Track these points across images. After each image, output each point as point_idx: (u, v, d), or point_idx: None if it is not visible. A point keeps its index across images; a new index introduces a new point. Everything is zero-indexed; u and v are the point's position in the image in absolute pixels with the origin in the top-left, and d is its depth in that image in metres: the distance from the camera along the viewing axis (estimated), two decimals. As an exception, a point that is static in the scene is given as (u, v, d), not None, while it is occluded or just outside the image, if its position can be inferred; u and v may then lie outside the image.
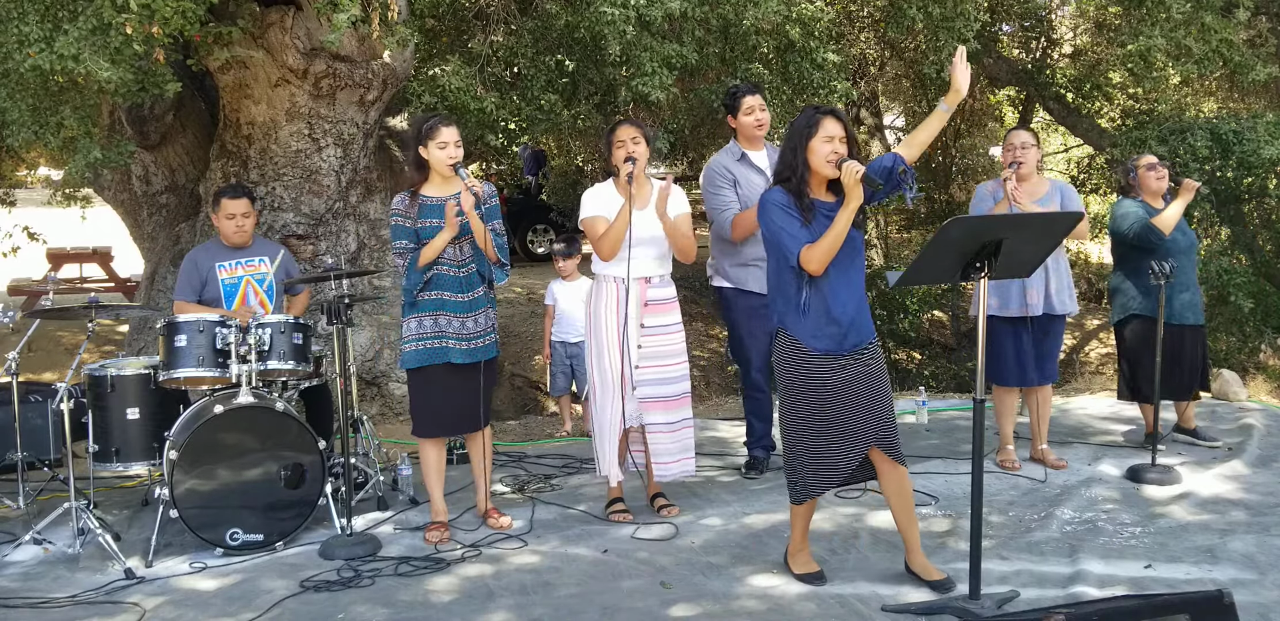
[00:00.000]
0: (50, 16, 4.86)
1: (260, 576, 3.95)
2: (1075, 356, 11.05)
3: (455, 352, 4.28)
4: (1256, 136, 7.65)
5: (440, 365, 4.28)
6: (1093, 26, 10.57)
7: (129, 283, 11.46)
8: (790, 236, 3.54)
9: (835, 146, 3.52)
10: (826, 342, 3.57)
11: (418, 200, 4.27)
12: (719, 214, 4.95)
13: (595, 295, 4.48)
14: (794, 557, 3.83)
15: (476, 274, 4.35)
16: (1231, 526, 4.28)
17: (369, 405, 6.68)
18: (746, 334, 5.01)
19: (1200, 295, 5.49)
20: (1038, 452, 5.25)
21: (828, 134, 3.52)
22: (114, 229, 9.27)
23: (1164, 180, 5.36)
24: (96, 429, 4.45)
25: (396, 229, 4.28)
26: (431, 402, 4.32)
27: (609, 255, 4.35)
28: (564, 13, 6.69)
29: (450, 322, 4.28)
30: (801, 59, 6.95)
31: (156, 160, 7.21)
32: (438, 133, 4.23)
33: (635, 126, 4.40)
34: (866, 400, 3.58)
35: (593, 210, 4.42)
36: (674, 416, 4.47)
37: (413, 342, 4.29)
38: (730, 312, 5.09)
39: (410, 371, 4.34)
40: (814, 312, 3.56)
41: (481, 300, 4.37)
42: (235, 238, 4.89)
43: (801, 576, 3.76)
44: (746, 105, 4.95)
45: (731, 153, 5.02)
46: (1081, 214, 3.55)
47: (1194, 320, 5.38)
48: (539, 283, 10.56)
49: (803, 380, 3.59)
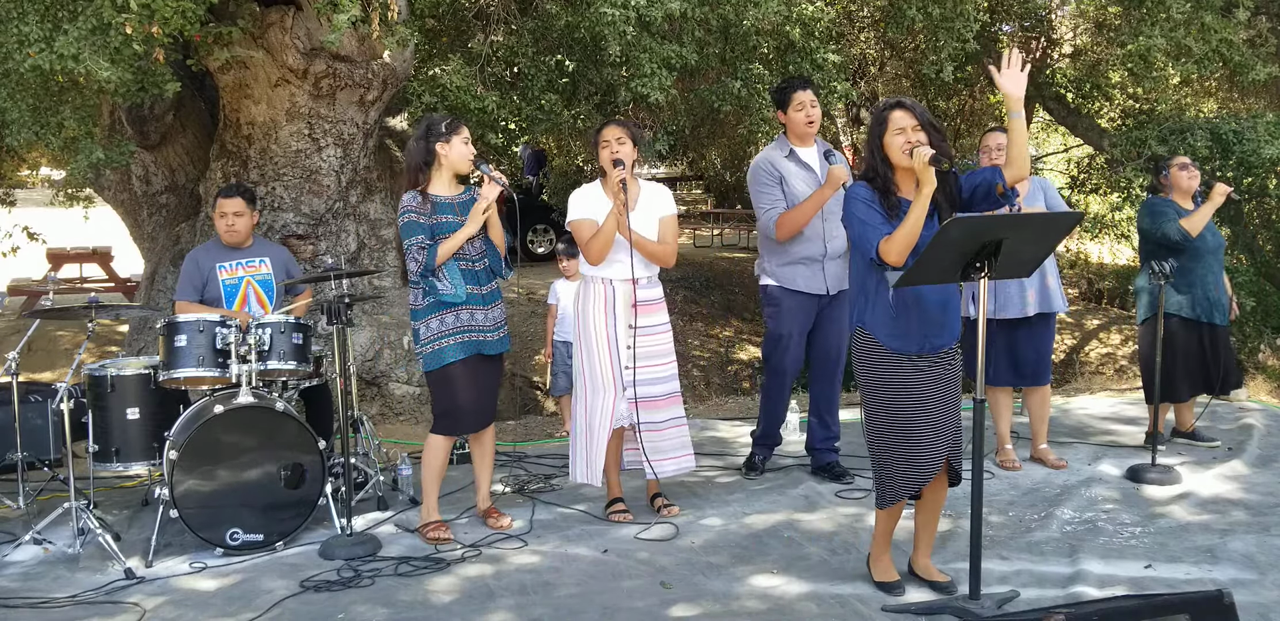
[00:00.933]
0: (50, 16, 4.86)
1: (260, 576, 3.94)
2: (1075, 356, 11.05)
3: (486, 344, 4.31)
4: (1256, 136, 7.65)
5: (473, 358, 4.28)
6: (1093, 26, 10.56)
7: (129, 283, 11.46)
8: (871, 228, 3.46)
9: (908, 136, 3.46)
10: (904, 342, 3.50)
11: (429, 198, 4.27)
12: (764, 212, 4.88)
13: (584, 296, 4.47)
14: (875, 564, 3.74)
15: (487, 269, 4.37)
16: (1231, 526, 4.28)
17: (369, 405, 6.68)
18: (786, 334, 4.96)
19: (1227, 295, 5.47)
20: (1038, 452, 5.25)
21: (898, 127, 3.47)
22: (114, 229, 9.27)
23: (1195, 180, 5.34)
24: (96, 429, 4.45)
25: (411, 226, 4.20)
26: (461, 399, 4.29)
27: (597, 259, 4.34)
28: (564, 13, 6.69)
29: (474, 315, 4.29)
30: (802, 59, 6.95)
31: (156, 160, 7.21)
32: (461, 129, 4.27)
33: (621, 126, 4.39)
34: (942, 404, 3.51)
35: (580, 213, 4.41)
36: (666, 414, 4.48)
37: (442, 340, 4.24)
38: (772, 309, 5.00)
39: (440, 369, 4.25)
40: (895, 311, 3.49)
41: (496, 293, 4.40)
42: (227, 237, 4.89)
43: (881, 584, 3.68)
44: (797, 101, 4.84)
45: (780, 148, 4.93)
46: (1081, 214, 3.55)
47: (1221, 320, 5.39)
48: (539, 282, 10.56)
49: (881, 380, 3.51)
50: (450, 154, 4.25)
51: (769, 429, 5.20)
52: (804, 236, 4.85)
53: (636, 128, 4.50)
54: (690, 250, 15.12)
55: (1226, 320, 5.44)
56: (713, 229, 16.67)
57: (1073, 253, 12.77)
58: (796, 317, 4.94)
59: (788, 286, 4.93)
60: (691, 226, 17.11)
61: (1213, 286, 5.34)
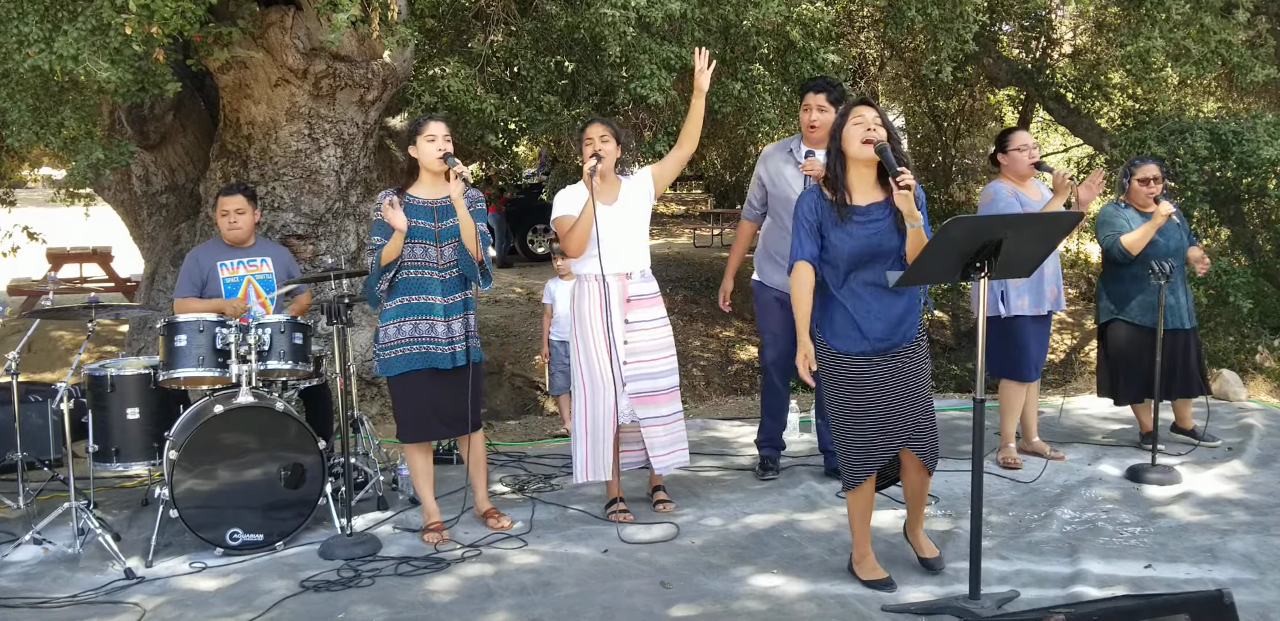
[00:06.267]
0: (50, 17, 4.86)
1: (260, 576, 3.95)
2: (1075, 356, 11.05)
3: (439, 357, 4.24)
4: (1256, 136, 7.65)
5: (424, 371, 4.25)
6: (1092, 26, 10.57)
7: (129, 283, 11.47)
8: (798, 243, 3.57)
9: (867, 124, 3.47)
10: (846, 343, 3.58)
11: (403, 199, 4.25)
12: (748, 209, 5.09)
13: (578, 294, 4.50)
14: (859, 564, 3.76)
15: (459, 277, 4.32)
16: (1231, 526, 4.28)
17: (369, 405, 6.68)
18: (765, 329, 5.03)
19: (1189, 298, 5.40)
20: (1032, 446, 5.29)
21: (859, 117, 3.50)
22: (114, 229, 9.28)
23: (1155, 193, 5.21)
24: (96, 429, 4.45)
25: (378, 225, 4.23)
26: (416, 408, 4.29)
27: (575, 251, 4.38)
28: (564, 13, 6.69)
29: (434, 327, 4.24)
30: (802, 59, 6.95)
31: (156, 160, 7.21)
32: (425, 127, 4.22)
33: (605, 125, 4.43)
34: (898, 398, 3.57)
35: (562, 209, 4.45)
36: (666, 409, 4.49)
37: (394, 349, 4.24)
38: (762, 308, 5.04)
39: (392, 378, 4.29)
40: (838, 317, 3.58)
41: (460, 305, 4.33)
42: (229, 234, 4.89)
43: (869, 582, 3.69)
44: (805, 102, 4.83)
45: (787, 145, 4.93)
46: (1081, 214, 3.55)
47: (1181, 324, 5.29)
48: (539, 282, 10.57)
49: (833, 373, 3.61)
50: (420, 156, 4.25)
51: (772, 430, 5.19)
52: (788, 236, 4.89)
53: (620, 127, 4.53)
54: (690, 250, 15.12)
55: (1191, 323, 5.33)
56: (713, 229, 16.67)
57: (1072, 253, 12.77)
58: (769, 313, 4.97)
59: (763, 281, 4.99)
60: (691, 226, 17.12)
61: (1170, 291, 5.19)
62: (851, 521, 3.74)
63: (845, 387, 3.59)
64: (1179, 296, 5.32)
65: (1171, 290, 5.26)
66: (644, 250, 4.51)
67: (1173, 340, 5.25)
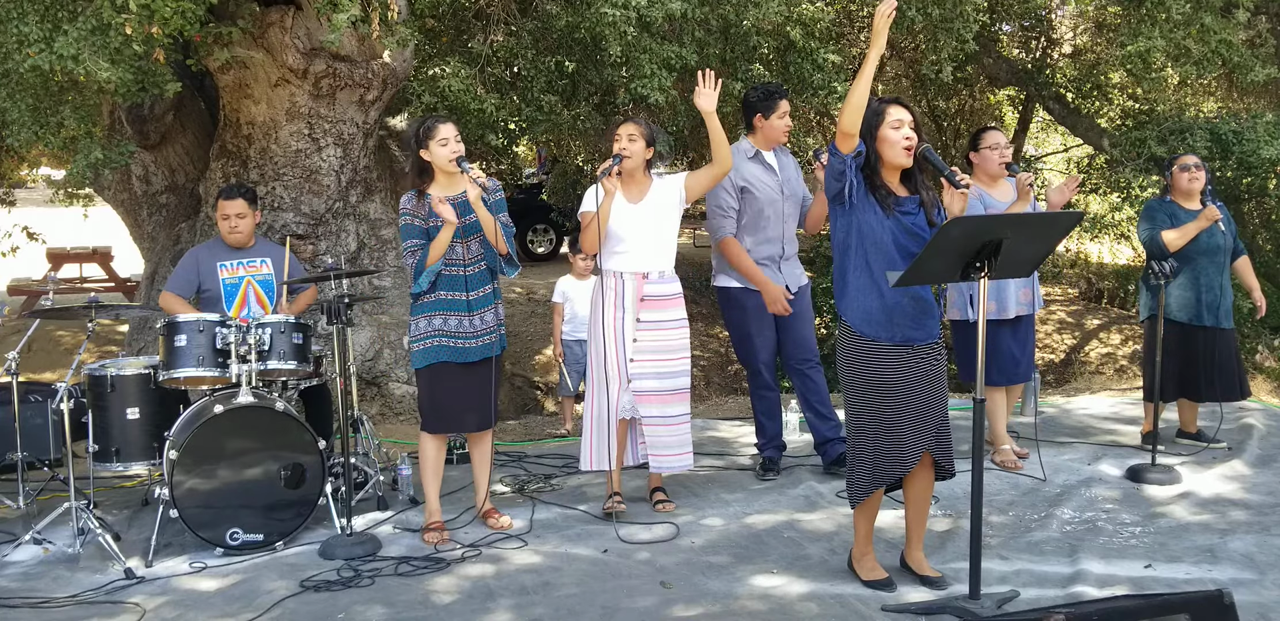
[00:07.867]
0: (50, 17, 4.86)
1: (260, 576, 3.94)
2: (1075, 356, 11.05)
3: (463, 351, 4.30)
4: (1256, 136, 7.65)
5: (449, 363, 4.29)
6: (1092, 26, 10.57)
7: (129, 283, 11.46)
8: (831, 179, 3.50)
9: (907, 132, 3.48)
10: (878, 329, 3.52)
11: (425, 199, 4.27)
12: (717, 219, 4.87)
13: (597, 290, 4.54)
14: (859, 563, 3.76)
15: (486, 271, 4.37)
16: (1232, 526, 4.28)
17: (369, 405, 6.68)
18: (755, 332, 4.98)
19: (1228, 298, 5.34)
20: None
21: (895, 119, 3.48)
22: (114, 229, 9.27)
23: (1197, 181, 5.22)
24: (96, 429, 4.45)
25: (407, 228, 4.28)
26: (440, 400, 4.32)
27: (589, 248, 4.42)
28: (564, 13, 6.69)
29: (461, 322, 4.29)
30: (802, 60, 6.95)
31: (156, 160, 7.21)
32: (436, 131, 4.24)
33: (636, 124, 4.44)
34: (925, 402, 3.54)
35: (586, 205, 4.48)
36: (670, 410, 4.49)
37: (421, 341, 4.30)
38: (736, 312, 5.01)
39: (419, 369, 4.35)
40: (865, 297, 3.53)
41: (489, 297, 4.39)
42: (230, 238, 4.89)
43: (870, 582, 3.68)
44: (783, 109, 4.88)
45: (744, 151, 4.90)
46: (1081, 214, 3.55)
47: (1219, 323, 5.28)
48: (539, 282, 10.56)
49: (862, 369, 3.54)
50: (434, 159, 4.27)
51: (772, 431, 5.19)
52: (766, 238, 4.91)
53: (652, 127, 4.52)
54: (690, 250, 15.11)
55: (1227, 323, 5.32)
56: (712, 229, 16.63)
57: (1073, 253, 12.77)
58: (764, 316, 4.94)
59: (749, 286, 4.93)
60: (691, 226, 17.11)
61: (1206, 289, 5.25)
62: (856, 520, 3.73)
63: (869, 390, 3.53)
64: (1217, 295, 5.27)
65: (1209, 287, 5.25)
66: (667, 252, 4.51)
67: (1212, 339, 5.27)
